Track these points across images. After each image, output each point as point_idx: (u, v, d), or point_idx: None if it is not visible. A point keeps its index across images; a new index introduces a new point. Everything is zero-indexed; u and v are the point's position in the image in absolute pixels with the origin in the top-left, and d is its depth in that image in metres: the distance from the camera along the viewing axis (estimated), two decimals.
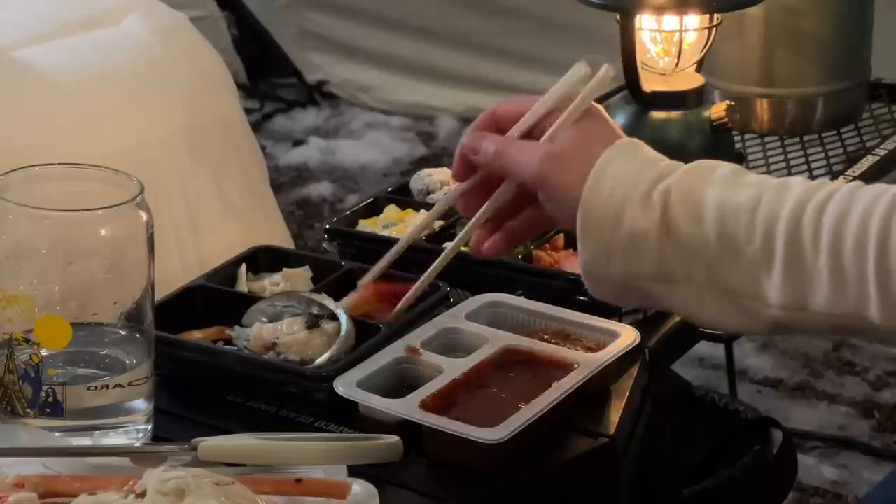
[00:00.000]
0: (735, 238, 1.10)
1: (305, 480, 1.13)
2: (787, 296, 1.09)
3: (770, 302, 1.10)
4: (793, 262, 1.08)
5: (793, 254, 1.08)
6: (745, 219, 1.10)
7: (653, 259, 1.13)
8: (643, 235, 1.12)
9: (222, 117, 2.10)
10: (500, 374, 1.28)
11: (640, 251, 1.13)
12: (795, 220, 1.09)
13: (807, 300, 1.09)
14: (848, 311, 1.07)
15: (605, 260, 1.15)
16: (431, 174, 1.68)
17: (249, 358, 1.33)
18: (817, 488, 2.39)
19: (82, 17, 2.07)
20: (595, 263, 1.16)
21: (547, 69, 3.77)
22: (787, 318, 1.10)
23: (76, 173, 1.27)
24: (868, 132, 2.09)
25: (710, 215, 1.11)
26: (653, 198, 1.13)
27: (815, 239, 1.08)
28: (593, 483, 1.27)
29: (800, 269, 1.08)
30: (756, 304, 1.11)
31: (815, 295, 1.08)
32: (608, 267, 1.15)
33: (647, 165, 1.16)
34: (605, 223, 1.14)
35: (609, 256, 1.14)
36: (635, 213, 1.13)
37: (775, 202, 1.10)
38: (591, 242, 1.15)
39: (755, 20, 2.03)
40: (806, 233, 1.08)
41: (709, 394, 1.83)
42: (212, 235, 1.99)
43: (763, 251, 1.09)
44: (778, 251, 1.09)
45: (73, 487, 1.09)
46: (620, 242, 1.13)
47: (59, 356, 1.20)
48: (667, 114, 1.80)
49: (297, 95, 4.09)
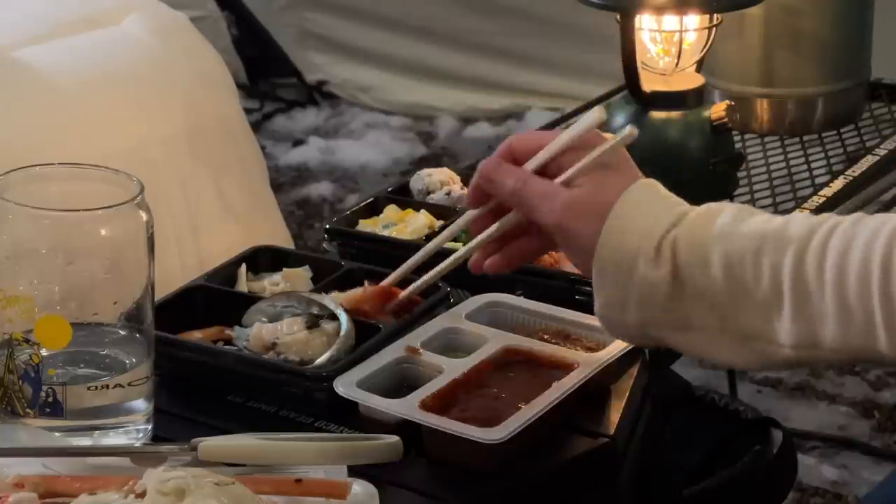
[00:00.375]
0: (744, 283, 1.12)
1: (305, 480, 1.13)
2: (798, 335, 1.11)
3: (782, 342, 1.11)
4: (800, 301, 1.10)
5: (799, 293, 1.10)
6: (751, 263, 1.12)
7: (666, 309, 1.15)
8: (655, 286, 1.15)
9: (222, 117, 2.09)
10: (500, 374, 1.28)
11: (653, 302, 1.15)
12: (799, 260, 1.10)
13: (817, 338, 1.10)
14: (857, 345, 1.09)
15: (620, 308, 1.17)
16: (431, 174, 1.68)
17: (249, 358, 1.33)
18: (817, 488, 2.39)
19: (82, 17, 2.07)
20: (611, 309, 1.18)
21: (547, 69, 3.80)
22: (800, 357, 1.12)
23: (76, 173, 1.27)
24: (868, 132, 2.09)
25: (716, 263, 1.13)
26: (662, 250, 1.15)
27: (819, 277, 1.09)
28: (593, 483, 1.27)
29: (807, 308, 1.09)
30: (770, 347, 1.12)
31: (824, 332, 1.09)
32: (624, 314, 1.17)
33: (658, 215, 1.17)
34: (619, 274, 1.16)
35: (624, 305, 1.17)
36: (647, 266, 1.15)
37: (779, 243, 1.11)
38: (606, 291, 1.18)
39: (755, 20, 2.03)
40: (810, 272, 1.09)
41: (709, 394, 1.83)
42: (212, 235, 1.99)
43: (772, 293, 1.11)
44: (785, 292, 1.10)
45: (73, 487, 1.09)
46: (634, 293, 1.16)
47: (59, 356, 1.20)
48: (667, 114, 1.80)
49: (297, 95, 4.09)
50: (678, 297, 1.15)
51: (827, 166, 1.97)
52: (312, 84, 4.06)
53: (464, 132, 3.86)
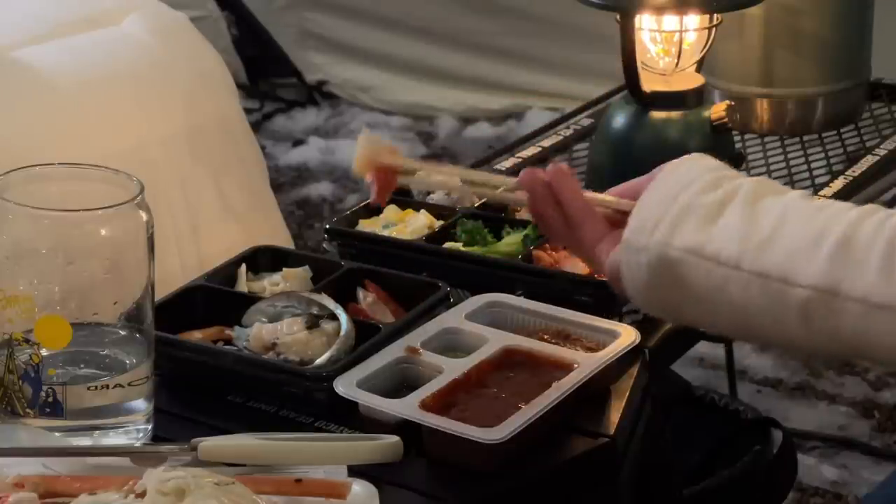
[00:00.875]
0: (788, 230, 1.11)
1: (305, 480, 1.13)
2: (824, 277, 1.08)
3: (801, 282, 1.09)
4: (842, 249, 1.08)
5: (844, 244, 1.08)
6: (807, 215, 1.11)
7: (695, 229, 1.13)
8: (697, 207, 1.14)
9: (222, 117, 2.09)
10: (500, 374, 1.28)
11: (687, 220, 1.14)
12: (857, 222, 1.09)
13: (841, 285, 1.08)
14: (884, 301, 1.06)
15: (650, 228, 1.15)
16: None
17: (249, 358, 1.33)
18: (817, 488, 2.39)
19: (82, 17, 2.07)
20: (638, 233, 1.16)
21: (547, 69, 3.80)
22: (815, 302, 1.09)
23: (76, 173, 1.27)
24: (868, 132, 2.09)
25: (772, 212, 1.12)
26: (723, 185, 1.15)
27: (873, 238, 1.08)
28: (593, 483, 1.27)
29: (847, 256, 1.08)
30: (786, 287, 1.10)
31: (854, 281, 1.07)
32: (651, 235, 1.15)
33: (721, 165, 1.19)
34: (667, 193, 1.16)
35: (656, 225, 1.15)
36: (696, 190, 1.15)
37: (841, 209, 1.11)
38: (641, 214, 1.16)
39: (755, 20, 2.03)
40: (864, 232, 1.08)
41: (709, 394, 1.83)
42: (212, 235, 1.99)
43: (814, 238, 1.09)
44: (829, 238, 1.09)
45: (73, 487, 1.09)
46: (672, 211, 1.14)
47: (59, 356, 1.20)
48: (667, 114, 1.80)
49: (297, 95, 4.08)
50: (710, 221, 1.13)
51: (827, 166, 1.97)
52: (312, 84, 4.06)
53: (464, 132, 3.86)
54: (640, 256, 1.16)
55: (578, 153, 2.02)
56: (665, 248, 1.14)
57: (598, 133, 1.90)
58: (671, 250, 1.14)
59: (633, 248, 1.16)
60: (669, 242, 1.14)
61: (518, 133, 3.46)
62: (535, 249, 1.53)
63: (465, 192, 1.59)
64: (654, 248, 1.14)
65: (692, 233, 1.13)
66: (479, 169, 1.91)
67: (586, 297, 1.45)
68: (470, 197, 1.65)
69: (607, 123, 1.84)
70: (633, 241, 1.16)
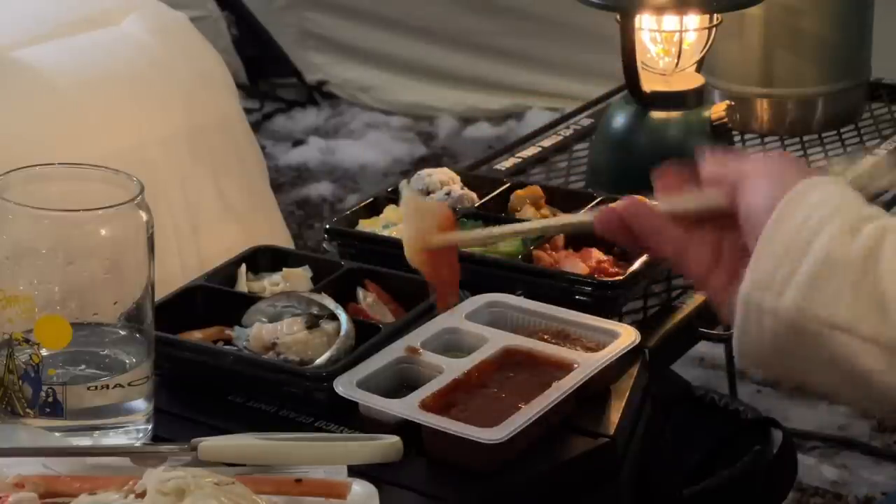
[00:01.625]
0: None
1: (305, 480, 1.13)
2: None
3: None
4: None
5: None
6: None
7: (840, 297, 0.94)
8: (838, 263, 0.94)
9: (222, 117, 2.09)
10: (500, 374, 1.28)
11: (828, 282, 0.94)
12: None
13: None
14: None
15: (780, 284, 0.96)
16: (431, 174, 1.68)
17: (249, 358, 1.33)
18: (817, 488, 2.39)
19: (82, 17, 2.07)
20: (764, 288, 0.96)
21: (547, 69, 3.80)
22: None
23: (76, 173, 1.27)
24: (868, 132, 2.09)
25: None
26: (863, 229, 0.95)
27: None
28: (593, 483, 1.27)
29: None
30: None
31: None
32: (780, 296, 0.95)
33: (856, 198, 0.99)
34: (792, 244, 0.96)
35: (787, 281, 0.95)
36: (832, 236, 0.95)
37: None
38: (763, 265, 0.97)
39: (755, 20, 2.03)
40: None
41: (709, 394, 1.83)
42: (212, 235, 1.99)
43: None
44: None
45: (73, 487, 1.09)
46: (807, 267, 0.95)
47: (59, 356, 1.20)
48: (667, 114, 1.80)
49: (297, 95, 4.08)
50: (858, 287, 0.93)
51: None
52: (312, 84, 4.06)
53: (464, 132, 3.86)
54: (763, 319, 0.97)
55: (578, 153, 2.02)
56: (801, 318, 0.95)
57: (598, 133, 1.90)
58: (810, 323, 0.95)
59: (755, 307, 0.97)
60: (807, 310, 0.95)
61: (518, 133, 3.46)
62: (535, 249, 1.53)
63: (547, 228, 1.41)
64: (786, 314, 0.95)
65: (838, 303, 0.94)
66: (478, 169, 1.91)
67: (586, 297, 1.44)
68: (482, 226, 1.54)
69: (607, 123, 1.84)
70: (756, 298, 0.97)
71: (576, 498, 1.26)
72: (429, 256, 1.18)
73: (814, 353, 0.96)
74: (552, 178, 1.93)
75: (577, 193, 1.70)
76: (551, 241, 1.55)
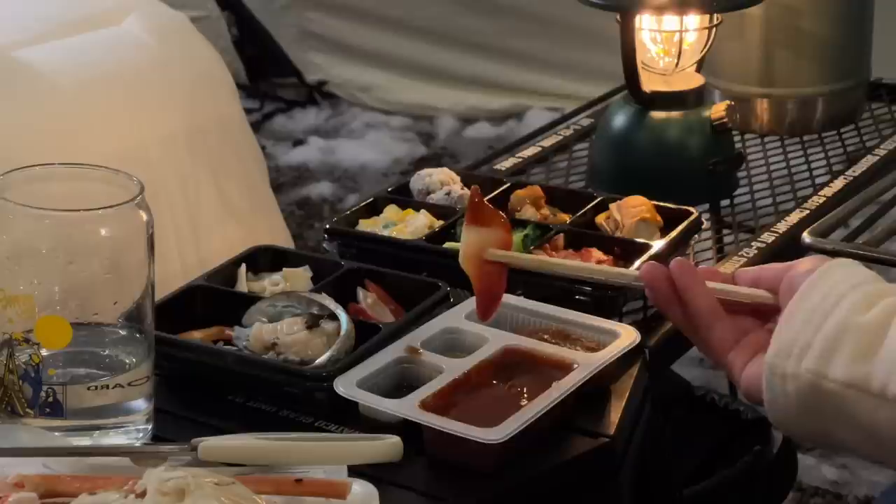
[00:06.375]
0: None
1: (305, 480, 1.13)
2: None
3: None
4: None
5: None
6: None
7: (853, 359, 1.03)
8: (852, 330, 1.03)
9: (222, 117, 2.10)
10: (500, 374, 1.28)
11: (842, 347, 1.03)
12: None
13: None
14: None
15: (798, 353, 1.05)
16: (431, 174, 1.68)
17: (249, 358, 1.33)
18: (817, 488, 2.39)
19: (82, 17, 2.08)
20: (784, 357, 1.06)
21: (547, 69, 3.80)
22: None
23: (76, 173, 1.27)
24: (868, 132, 2.09)
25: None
26: (878, 303, 1.04)
27: None
28: (593, 483, 1.27)
29: None
30: None
31: None
32: (799, 362, 1.05)
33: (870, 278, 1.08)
34: (813, 314, 1.05)
35: (806, 347, 1.05)
36: (848, 309, 1.04)
37: None
38: (789, 332, 1.06)
39: (755, 20, 2.03)
40: None
41: (709, 394, 1.83)
42: (212, 235, 2.00)
43: None
44: None
45: (73, 487, 1.09)
46: (824, 335, 1.04)
47: (59, 356, 1.20)
48: (667, 114, 1.80)
49: (297, 95, 4.09)
50: (870, 350, 1.02)
51: (827, 166, 1.97)
52: (312, 84, 4.07)
53: (464, 132, 3.86)
54: (786, 384, 1.06)
55: (578, 153, 2.02)
56: (818, 379, 1.04)
57: (598, 133, 1.90)
58: (826, 382, 1.04)
59: (779, 373, 1.06)
60: (823, 373, 1.04)
61: (518, 133, 3.46)
62: (535, 249, 1.53)
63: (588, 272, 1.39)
64: (805, 377, 1.04)
65: (850, 364, 1.03)
66: (478, 169, 1.91)
67: (586, 297, 1.44)
68: None
69: (607, 123, 1.84)
70: (779, 366, 1.06)
71: (576, 498, 1.26)
72: (484, 268, 1.23)
73: (836, 413, 1.04)
74: (552, 178, 1.93)
75: (577, 193, 1.70)
76: (551, 241, 1.55)
